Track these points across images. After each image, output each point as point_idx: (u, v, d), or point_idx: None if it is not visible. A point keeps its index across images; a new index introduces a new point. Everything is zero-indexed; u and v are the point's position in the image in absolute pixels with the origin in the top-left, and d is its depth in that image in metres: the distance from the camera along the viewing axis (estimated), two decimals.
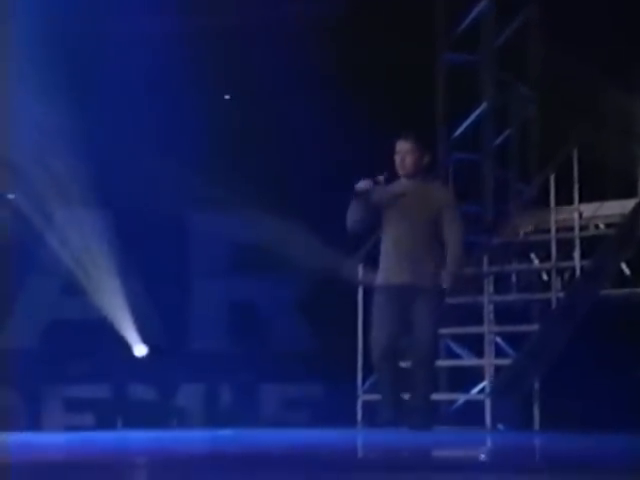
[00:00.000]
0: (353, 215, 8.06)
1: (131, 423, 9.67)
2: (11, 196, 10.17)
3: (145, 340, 9.99)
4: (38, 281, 10.06)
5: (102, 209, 9.73)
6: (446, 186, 8.72)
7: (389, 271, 8.07)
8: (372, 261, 9.70)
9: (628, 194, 9.51)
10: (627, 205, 9.40)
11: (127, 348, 10.07)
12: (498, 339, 9.48)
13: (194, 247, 10.51)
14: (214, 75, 9.92)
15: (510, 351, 9.41)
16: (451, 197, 8.23)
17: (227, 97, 10.40)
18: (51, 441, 8.36)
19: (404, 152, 8.10)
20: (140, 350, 9.95)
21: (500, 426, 9.14)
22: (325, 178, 9.57)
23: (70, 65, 9.38)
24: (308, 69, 9.61)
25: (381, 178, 7.99)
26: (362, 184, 8.02)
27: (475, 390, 9.44)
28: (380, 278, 8.11)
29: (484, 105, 9.99)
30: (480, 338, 9.36)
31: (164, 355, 10.03)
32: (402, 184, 8.10)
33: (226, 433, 8.79)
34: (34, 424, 9.75)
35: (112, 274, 9.84)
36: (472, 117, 10.00)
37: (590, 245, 9.30)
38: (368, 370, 9.26)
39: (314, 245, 9.81)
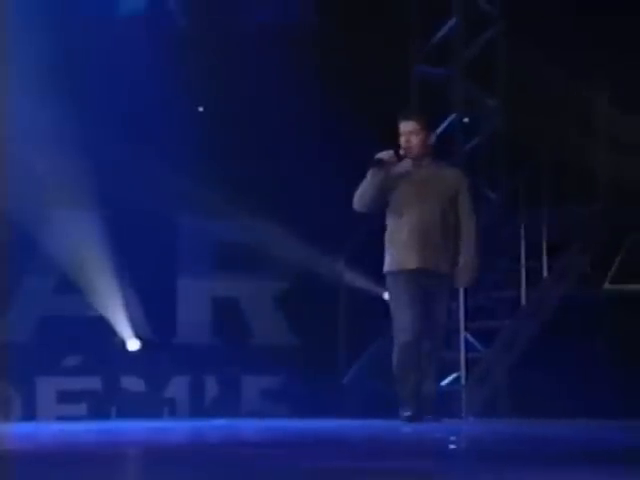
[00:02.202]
0: (369, 188, 7.33)
1: (124, 413, 9.43)
2: None
3: (137, 335, 9.71)
4: (33, 279, 9.83)
5: (96, 211, 9.55)
6: (459, 169, 7.86)
7: (405, 256, 7.38)
8: (352, 260, 9.54)
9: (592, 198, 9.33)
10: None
11: (121, 342, 9.74)
12: (468, 335, 9.28)
13: (181, 247, 10.36)
14: (196, 85, 9.66)
15: (479, 346, 9.23)
16: (466, 181, 7.51)
17: (200, 109, 10.07)
18: (45, 431, 8.13)
19: (408, 133, 7.41)
20: (133, 344, 9.72)
21: (471, 416, 8.94)
22: (305, 181, 9.37)
23: (59, 72, 9.12)
24: (286, 77, 9.35)
25: (399, 153, 7.25)
26: (385, 153, 7.30)
27: (447, 381, 9.21)
28: (394, 263, 7.43)
29: (454, 116, 9.84)
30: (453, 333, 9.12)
31: (155, 349, 9.80)
32: (409, 166, 7.41)
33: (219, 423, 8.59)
34: (29, 414, 9.50)
35: (105, 273, 9.62)
36: (443, 127, 9.82)
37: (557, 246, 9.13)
38: (349, 362, 9.17)
39: (295, 244, 9.63)
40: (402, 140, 7.37)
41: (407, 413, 7.34)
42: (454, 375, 9.31)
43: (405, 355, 7.31)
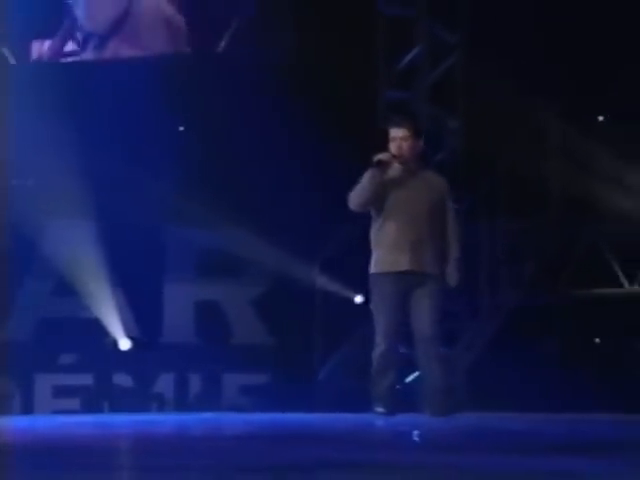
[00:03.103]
0: (368, 189, 6.99)
1: (116, 408, 9.38)
2: None
3: (129, 335, 9.68)
4: (32, 283, 9.78)
5: (91, 221, 9.51)
6: (441, 175, 7.52)
7: (393, 257, 7.05)
8: (327, 266, 9.53)
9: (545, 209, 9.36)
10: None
11: (113, 342, 9.70)
12: None
13: (167, 255, 10.32)
14: (178, 106, 9.66)
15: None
16: (449, 188, 7.24)
17: (181, 128, 10.05)
18: (43, 423, 8.09)
19: (400, 139, 7.09)
20: (124, 344, 9.67)
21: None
22: (282, 194, 9.39)
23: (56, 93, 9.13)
24: (267, 99, 9.35)
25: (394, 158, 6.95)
26: (384, 155, 7.00)
27: (410, 378, 9.21)
28: (383, 264, 7.10)
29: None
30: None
31: (143, 348, 9.75)
32: (399, 170, 7.11)
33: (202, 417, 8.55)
34: (27, 408, 9.44)
35: (99, 277, 9.60)
36: None
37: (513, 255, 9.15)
38: (322, 361, 9.15)
39: (272, 252, 9.61)
40: (393, 146, 7.10)
41: (380, 409, 7.12)
42: (417, 373, 9.30)
43: (381, 360, 7.11)
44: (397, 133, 7.11)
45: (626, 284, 9.29)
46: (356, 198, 7.08)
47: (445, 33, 9.76)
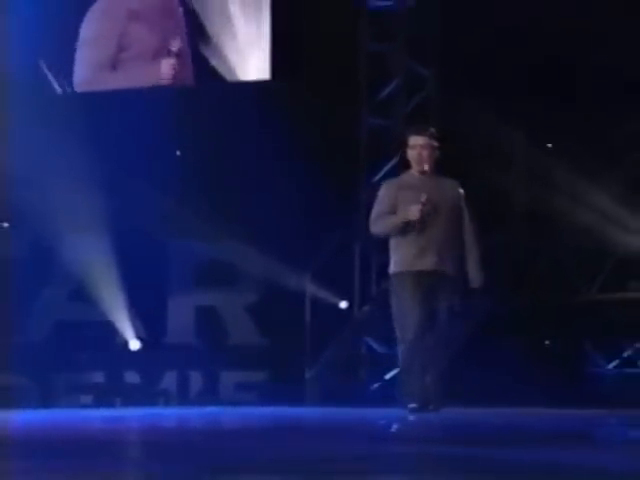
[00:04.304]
0: (391, 231, 6.72)
1: (126, 403, 9.31)
2: (5, 224, 9.89)
3: (138, 336, 9.62)
4: (50, 289, 9.74)
5: (103, 234, 9.44)
6: (457, 181, 7.14)
7: (414, 257, 6.71)
8: (317, 275, 9.48)
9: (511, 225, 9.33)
10: None
11: (123, 343, 9.66)
12: None
13: (171, 265, 10.32)
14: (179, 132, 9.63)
15: None
16: (463, 191, 6.90)
17: (178, 153, 9.99)
18: (59, 417, 8.02)
19: (420, 146, 6.80)
20: (134, 344, 9.60)
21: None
22: (274, 209, 9.37)
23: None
24: (260, 124, 9.31)
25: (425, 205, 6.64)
26: (413, 214, 6.66)
27: (390, 374, 9.17)
28: (404, 264, 6.75)
29: (396, 159, 9.83)
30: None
31: (150, 348, 9.69)
32: (417, 177, 6.82)
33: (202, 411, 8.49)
34: (45, 403, 9.36)
35: (110, 284, 9.56)
36: (387, 168, 9.80)
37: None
38: (311, 361, 9.09)
39: (266, 262, 9.56)
40: (414, 153, 6.82)
41: (412, 405, 6.73)
42: (396, 370, 9.25)
43: (407, 357, 6.72)
44: (417, 141, 6.85)
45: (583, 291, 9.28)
46: (379, 230, 6.84)
47: (420, 67, 9.78)
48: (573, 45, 8.94)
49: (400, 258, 6.82)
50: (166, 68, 9.84)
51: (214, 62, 9.88)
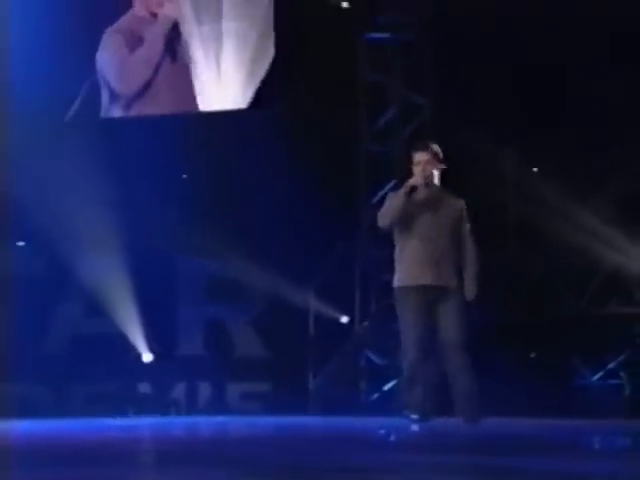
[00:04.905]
0: (397, 210, 6.56)
1: (139, 412, 9.29)
2: (21, 244, 9.90)
3: (151, 349, 9.61)
4: (68, 306, 9.76)
5: (117, 252, 9.45)
6: (459, 197, 7.00)
7: (417, 272, 6.59)
8: (319, 291, 9.48)
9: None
10: None
11: (137, 355, 9.70)
12: None
13: (181, 281, 10.33)
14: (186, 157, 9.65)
15: None
16: (466, 209, 6.77)
17: (184, 176, 10.00)
18: (76, 426, 8.01)
19: (424, 162, 6.70)
20: (147, 357, 9.58)
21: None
22: (278, 229, 9.41)
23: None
24: (264, 149, 9.33)
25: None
26: (416, 180, 6.59)
27: (389, 386, 9.15)
28: (407, 279, 6.64)
29: (394, 181, 9.83)
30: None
31: (161, 360, 9.67)
32: (422, 192, 6.68)
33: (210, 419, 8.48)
34: (62, 413, 9.34)
35: (124, 300, 9.57)
36: (385, 190, 9.80)
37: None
38: (314, 372, 9.07)
39: (271, 279, 9.56)
40: (418, 169, 6.70)
41: (414, 416, 6.61)
42: (394, 381, 9.24)
43: (412, 370, 6.60)
44: (422, 157, 6.76)
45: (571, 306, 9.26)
46: (387, 218, 6.68)
47: (415, 96, 9.82)
48: (561, 76, 9.00)
49: (403, 272, 6.72)
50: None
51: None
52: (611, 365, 8.97)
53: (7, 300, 9.15)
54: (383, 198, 9.64)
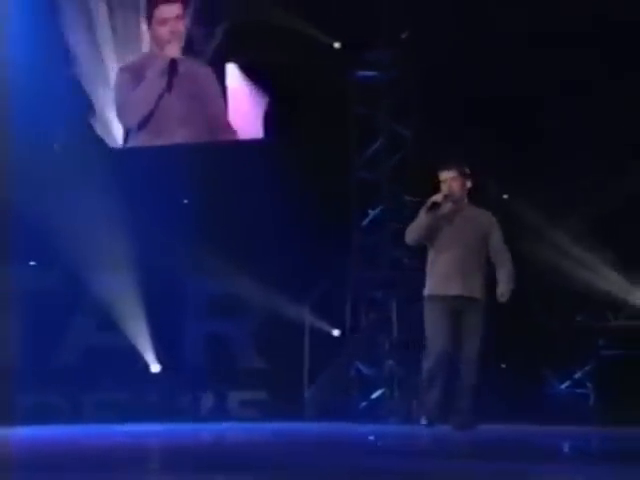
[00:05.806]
0: (424, 226, 6.50)
1: (147, 420, 9.22)
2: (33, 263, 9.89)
3: (159, 360, 9.57)
4: (81, 320, 9.72)
5: (128, 271, 9.45)
6: (489, 211, 6.90)
7: (445, 283, 6.49)
8: (315, 306, 9.45)
9: None
10: None
11: (145, 366, 9.69)
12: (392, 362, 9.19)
13: (186, 297, 10.23)
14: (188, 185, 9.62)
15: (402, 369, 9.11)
16: (496, 221, 6.70)
17: (185, 201, 9.97)
18: (88, 432, 7.95)
19: (450, 179, 6.64)
20: (154, 367, 9.53)
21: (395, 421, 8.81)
22: (276, 249, 9.37)
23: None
24: (259, 174, 9.30)
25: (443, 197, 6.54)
26: (438, 196, 6.55)
27: (376, 394, 9.09)
28: (437, 289, 6.53)
29: (381, 207, 9.82)
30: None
31: (168, 371, 9.62)
32: (449, 207, 6.61)
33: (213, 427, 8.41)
34: (75, 420, 9.27)
35: (134, 315, 9.58)
36: (373, 214, 9.77)
37: None
38: (309, 382, 9.00)
39: (269, 295, 9.52)
40: (444, 186, 6.65)
41: (424, 421, 6.56)
42: (381, 390, 9.21)
43: (428, 374, 6.48)
44: (448, 175, 6.71)
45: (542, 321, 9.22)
46: (413, 234, 6.63)
47: (401, 129, 9.85)
48: (542, 109, 9.00)
49: (433, 283, 6.63)
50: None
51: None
52: (578, 375, 9.04)
53: (27, 315, 9.20)
54: (372, 221, 9.74)
